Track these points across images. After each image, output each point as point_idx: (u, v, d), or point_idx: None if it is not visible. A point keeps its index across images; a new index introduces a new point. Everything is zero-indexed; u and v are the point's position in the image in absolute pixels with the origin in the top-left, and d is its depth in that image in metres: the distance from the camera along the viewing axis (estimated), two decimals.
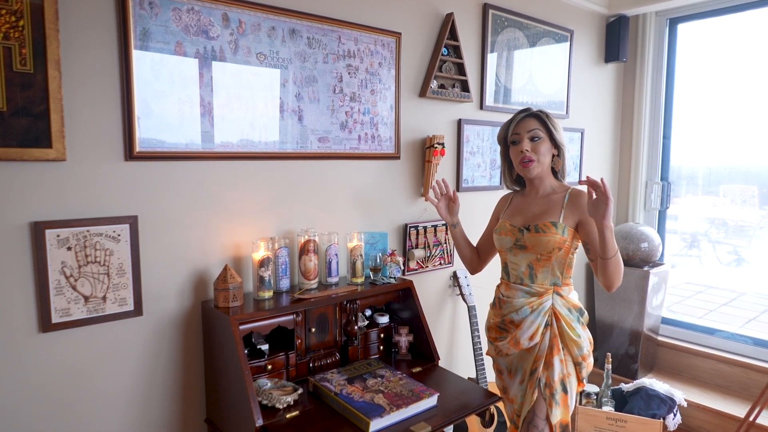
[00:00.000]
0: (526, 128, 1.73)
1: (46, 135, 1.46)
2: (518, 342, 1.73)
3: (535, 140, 1.73)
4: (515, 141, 1.76)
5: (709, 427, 2.95)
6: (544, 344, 1.72)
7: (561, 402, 1.70)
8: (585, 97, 3.35)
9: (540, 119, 1.74)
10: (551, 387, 1.69)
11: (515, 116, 1.78)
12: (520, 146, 1.74)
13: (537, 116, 1.75)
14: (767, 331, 3.37)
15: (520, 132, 1.74)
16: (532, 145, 1.73)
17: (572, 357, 1.74)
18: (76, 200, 1.56)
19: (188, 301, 1.81)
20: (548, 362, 1.71)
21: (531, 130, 1.73)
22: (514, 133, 1.76)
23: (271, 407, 1.65)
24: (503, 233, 1.81)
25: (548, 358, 1.71)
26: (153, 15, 1.63)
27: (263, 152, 1.92)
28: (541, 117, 1.75)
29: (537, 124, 1.73)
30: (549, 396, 1.69)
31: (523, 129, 1.74)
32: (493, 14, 2.68)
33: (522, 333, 1.72)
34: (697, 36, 3.48)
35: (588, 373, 1.79)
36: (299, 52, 1.98)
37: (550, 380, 1.70)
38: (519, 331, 1.73)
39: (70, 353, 1.59)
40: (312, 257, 1.96)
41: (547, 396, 1.69)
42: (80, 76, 1.53)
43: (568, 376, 1.73)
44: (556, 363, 1.70)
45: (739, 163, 3.76)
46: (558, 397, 1.70)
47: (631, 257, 3.29)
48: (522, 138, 1.73)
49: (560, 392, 1.70)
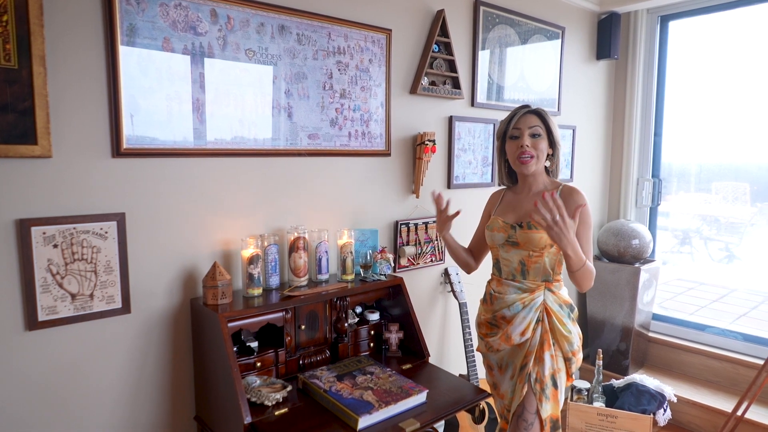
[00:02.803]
0: (528, 124, 1.74)
1: (31, 131, 1.45)
2: (509, 338, 1.74)
3: (536, 137, 1.74)
4: (515, 136, 1.77)
5: (699, 422, 2.97)
6: (534, 340, 1.73)
7: (551, 397, 1.72)
8: (576, 94, 3.36)
9: (541, 117, 1.76)
10: (542, 382, 1.70)
11: (516, 111, 1.78)
12: (520, 141, 1.74)
13: (538, 113, 1.77)
14: (757, 326, 3.40)
15: (521, 127, 1.75)
16: (532, 141, 1.74)
17: (563, 352, 1.75)
18: (63, 197, 1.55)
19: (177, 298, 1.81)
20: (539, 358, 1.72)
21: (532, 127, 1.74)
22: (515, 128, 1.76)
23: (259, 404, 1.65)
24: (495, 230, 1.81)
25: (539, 353, 1.72)
26: (140, 11, 1.62)
27: (253, 149, 1.92)
28: (542, 114, 1.77)
29: (538, 121, 1.75)
30: (539, 391, 1.70)
31: (524, 125, 1.75)
32: (484, 11, 2.68)
33: (513, 329, 1.73)
34: (688, 33, 3.50)
35: (577, 368, 1.80)
36: (289, 48, 1.97)
37: (540, 375, 1.71)
38: (510, 327, 1.74)
39: (58, 351, 1.58)
40: (302, 254, 1.95)
41: (537, 391, 1.70)
42: (66, 72, 1.52)
43: (558, 372, 1.74)
44: (546, 358, 1.72)
45: (730, 161, 3.78)
46: (548, 392, 1.71)
47: (622, 254, 3.31)
48: (523, 133, 1.74)
49: (550, 387, 1.72)
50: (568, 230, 1.54)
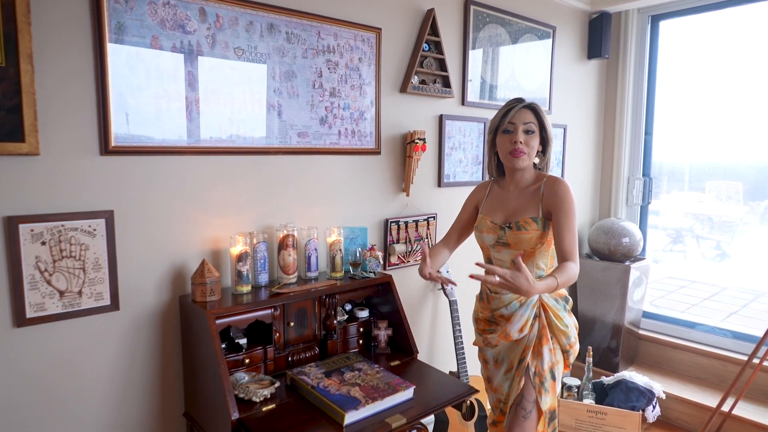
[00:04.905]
0: (522, 120, 1.74)
1: (18, 129, 1.45)
2: (508, 335, 1.75)
3: (529, 133, 1.74)
4: (508, 130, 1.76)
5: (687, 418, 3.00)
6: (532, 335, 1.75)
7: (550, 389, 1.75)
8: (567, 93, 3.38)
9: (536, 113, 1.75)
10: (541, 375, 1.73)
11: (511, 105, 1.76)
12: (514, 136, 1.73)
13: (533, 109, 1.76)
14: (747, 324, 3.42)
15: (516, 122, 1.74)
16: (525, 137, 1.74)
17: (560, 345, 1.78)
18: (51, 195, 1.56)
19: (166, 295, 1.82)
20: (537, 352, 1.74)
21: (527, 123, 1.73)
22: (509, 123, 1.75)
23: (247, 400, 1.66)
24: (485, 231, 1.82)
25: (537, 348, 1.75)
26: (128, 9, 1.62)
27: (242, 147, 1.93)
28: (536, 110, 1.76)
29: (532, 117, 1.74)
30: (539, 384, 1.73)
31: (518, 120, 1.74)
32: (474, 10, 2.69)
33: (512, 326, 1.75)
34: (678, 33, 3.52)
35: (574, 358, 1.83)
36: (278, 47, 1.98)
37: (539, 369, 1.73)
38: (509, 325, 1.75)
39: (46, 348, 1.59)
40: (291, 252, 1.97)
41: (536, 384, 1.73)
42: (54, 70, 1.52)
43: (556, 364, 1.78)
44: (545, 352, 1.74)
45: (720, 160, 3.81)
46: (547, 385, 1.74)
47: (612, 252, 3.33)
48: (517, 128, 1.73)
49: (549, 380, 1.75)
50: (516, 281, 1.43)
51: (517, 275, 1.44)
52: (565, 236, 1.65)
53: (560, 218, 1.67)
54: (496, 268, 1.44)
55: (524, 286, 1.44)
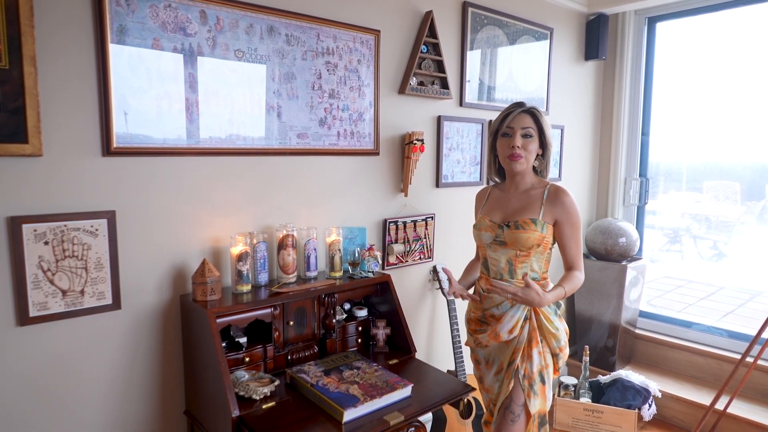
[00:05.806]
0: (521, 124, 1.76)
1: (22, 130, 1.47)
2: (498, 335, 1.78)
3: (527, 137, 1.76)
4: (507, 134, 1.79)
5: (683, 417, 3.02)
6: (522, 337, 1.77)
7: (539, 392, 1.76)
8: (565, 95, 3.40)
9: (535, 117, 1.78)
10: (530, 378, 1.74)
11: (510, 110, 1.79)
12: (512, 141, 1.76)
13: (532, 114, 1.78)
14: (743, 323, 3.45)
15: (514, 127, 1.77)
16: (523, 141, 1.76)
17: (550, 349, 1.79)
18: (54, 195, 1.58)
19: (167, 294, 1.84)
20: (527, 354, 1.76)
21: (525, 128, 1.76)
22: (507, 127, 1.78)
23: (247, 398, 1.68)
24: (483, 229, 1.85)
25: (527, 350, 1.76)
26: (130, 12, 1.64)
27: (242, 148, 1.95)
28: (535, 115, 1.78)
29: (531, 122, 1.77)
30: (528, 387, 1.74)
31: (517, 124, 1.76)
32: (472, 12, 2.71)
33: (502, 327, 1.77)
34: (675, 35, 3.54)
35: (564, 362, 1.85)
36: (278, 49, 2.01)
37: (528, 372, 1.75)
38: (499, 325, 1.78)
39: (49, 347, 1.61)
40: (290, 252, 1.99)
41: (525, 387, 1.74)
42: (56, 72, 1.54)
43: (546, 367, 1.79)
44: (534, 355, 1.76)
45: (718, 160, 3.84)
46: (536, 388, 1.75)
47: (609, 252, 3.36)
48: (515, 133, 1.76)
49: (539, 383, 1.76)
50: (527, 297, 1.62)
51: (527, 291, 1.62)
52: (572, 246, 1.76)
53: (567, 230, 1.75)
54: (508, 287, 1.63)
55: (536, 299, 1.62)
